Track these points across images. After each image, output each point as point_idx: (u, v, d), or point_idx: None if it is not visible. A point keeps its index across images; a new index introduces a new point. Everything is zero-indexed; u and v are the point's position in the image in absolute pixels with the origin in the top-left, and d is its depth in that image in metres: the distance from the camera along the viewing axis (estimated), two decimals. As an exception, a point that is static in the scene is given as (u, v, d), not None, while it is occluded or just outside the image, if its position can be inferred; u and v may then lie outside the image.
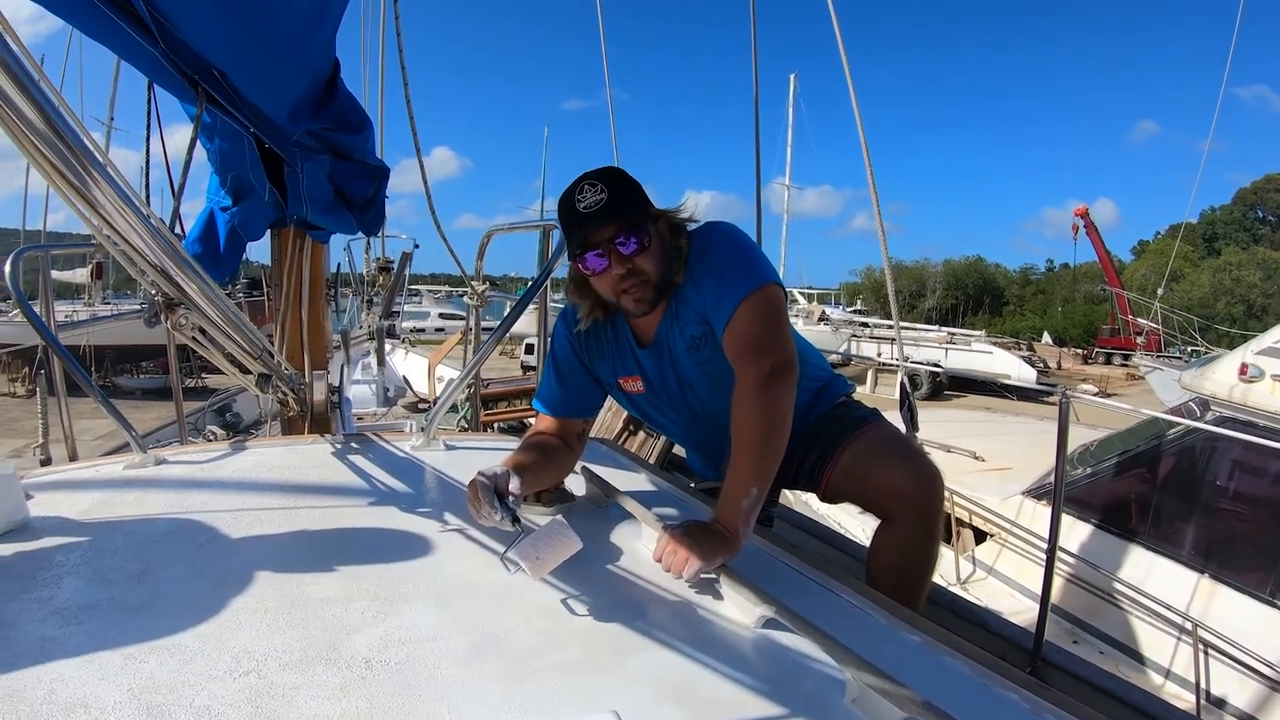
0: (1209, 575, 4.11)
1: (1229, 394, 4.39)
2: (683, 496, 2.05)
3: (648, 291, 1.73)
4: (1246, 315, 36.65)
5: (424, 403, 6.08)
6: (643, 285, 1.72)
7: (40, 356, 3.11)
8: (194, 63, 1.82)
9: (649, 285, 1.73)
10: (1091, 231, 35.40)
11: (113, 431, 2.16)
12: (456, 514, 1.72)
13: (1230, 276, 41.19)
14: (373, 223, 2.84)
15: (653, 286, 1.73)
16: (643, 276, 1.71)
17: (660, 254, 1.74)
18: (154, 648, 1.13)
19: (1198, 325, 22.17)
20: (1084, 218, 35.43)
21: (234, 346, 2.14)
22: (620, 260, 1.70)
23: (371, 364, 6.61)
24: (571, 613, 1.31)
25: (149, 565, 1.42)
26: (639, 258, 1.70)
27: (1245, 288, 40.29)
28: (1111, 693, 2.18)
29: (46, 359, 3.00)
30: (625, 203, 1.68)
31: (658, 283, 1.74)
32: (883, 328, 25.77)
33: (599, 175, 1.71)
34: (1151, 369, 14.40)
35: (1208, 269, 43.25)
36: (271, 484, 1.96)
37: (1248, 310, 38.31)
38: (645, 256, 1.70)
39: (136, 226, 1.54)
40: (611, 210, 1.66)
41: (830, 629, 1.19)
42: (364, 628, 1.22)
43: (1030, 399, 19.44)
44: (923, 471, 1.87)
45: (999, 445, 6.35)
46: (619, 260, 1.70)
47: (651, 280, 1.73)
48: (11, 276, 2.49)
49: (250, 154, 2.31)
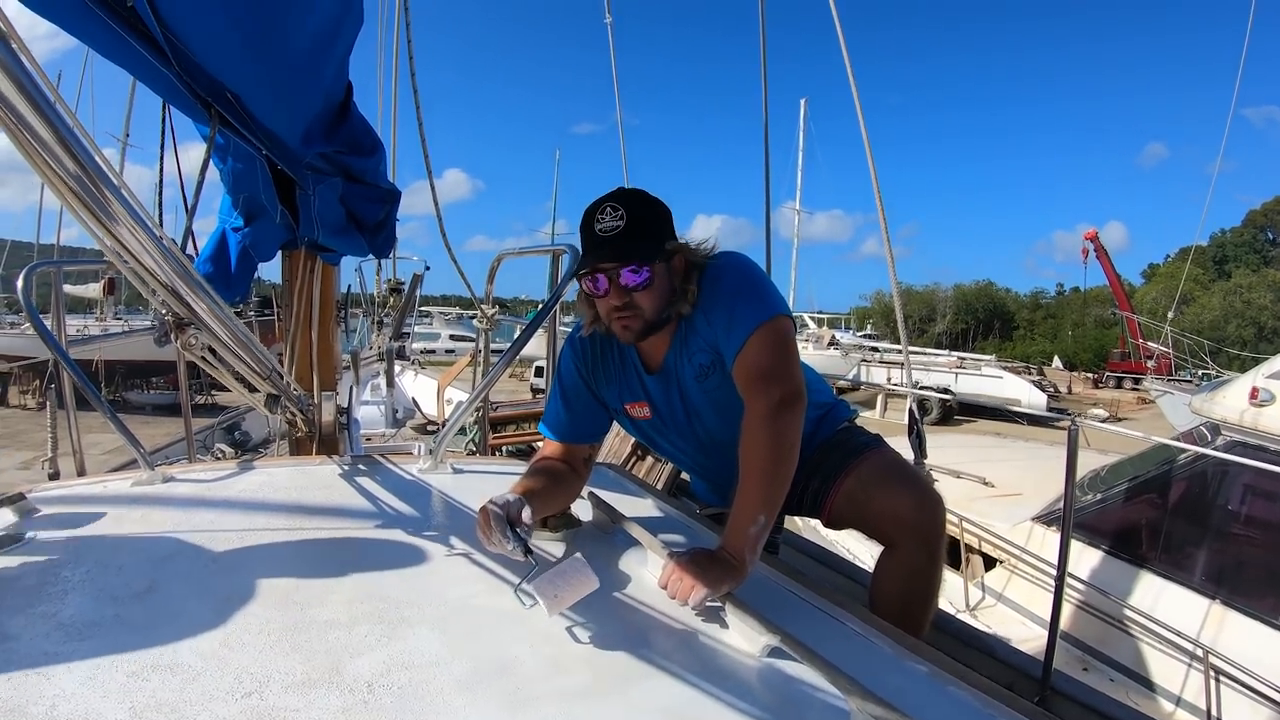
0: (1220, 601, 4.07)
1: (1240, 418, 4.36)
2: (689, 523, 2.04)
3: (638, 324, 1.74)
4: (1258, 338, 36.50)
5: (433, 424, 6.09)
6: (635, 318, 1.73)
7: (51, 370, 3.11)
8: (207, 84, 1.83)
9: (641, 319, 1.74)
10: (1101, 255, 35.36)
11: (121, 447, 2.17)
12: (462, 538, 1.72)
13: (1241, 299, 41.04)
14: (383, 245, 2.85)
15: (645, 322, 1.74)
16: (636, 311, 1.72)
17: (662, 292, 1.74)
18: (157, 666, 1.13)
19: (1208, 349, 22.09)
20: (1094, 241, 35.41)
21: (243, 366, 2.14)
22: (619, 292, 1.71)
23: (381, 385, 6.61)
24: (576, 639, 1.30)
25: (154, 583, 1.42)
26: (638, 293, 1.71)
27: (1256, 310, 40.13)
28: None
29: (57, 373, 3.01)
30: (638, 236, 1.68)
31: (651, 320, 1.74)
32: (892, 352, 25.75)
33: (623, 199, 1.71)
34: (1162, 393, 14.36)
35: (1218, 292, 43.12)
36: (278, 504, 1.96)
37: (1259, 333, 38.16)
38: (645, 293, 1.71)
39: (148, 246, 1.55)
40: (623, 241, 1.66)
41: (835, 658, 1.18)
42: (367, 651, 1.21)
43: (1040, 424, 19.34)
44: (925, 497, 1.87)
45: (1009, 471, 6.33)
46: (618, 291, 1.71)
47: (644, 316, 1.73)
48: (24, 291, 2.51)
49: (262, 175, 2.32)
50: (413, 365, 9.78)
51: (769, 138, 4.53)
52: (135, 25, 1.59)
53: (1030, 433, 15.49)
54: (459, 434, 4.71)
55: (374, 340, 8.68)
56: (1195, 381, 16.95)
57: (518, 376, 25.71)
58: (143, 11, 1.56)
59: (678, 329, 1.82)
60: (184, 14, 1.62)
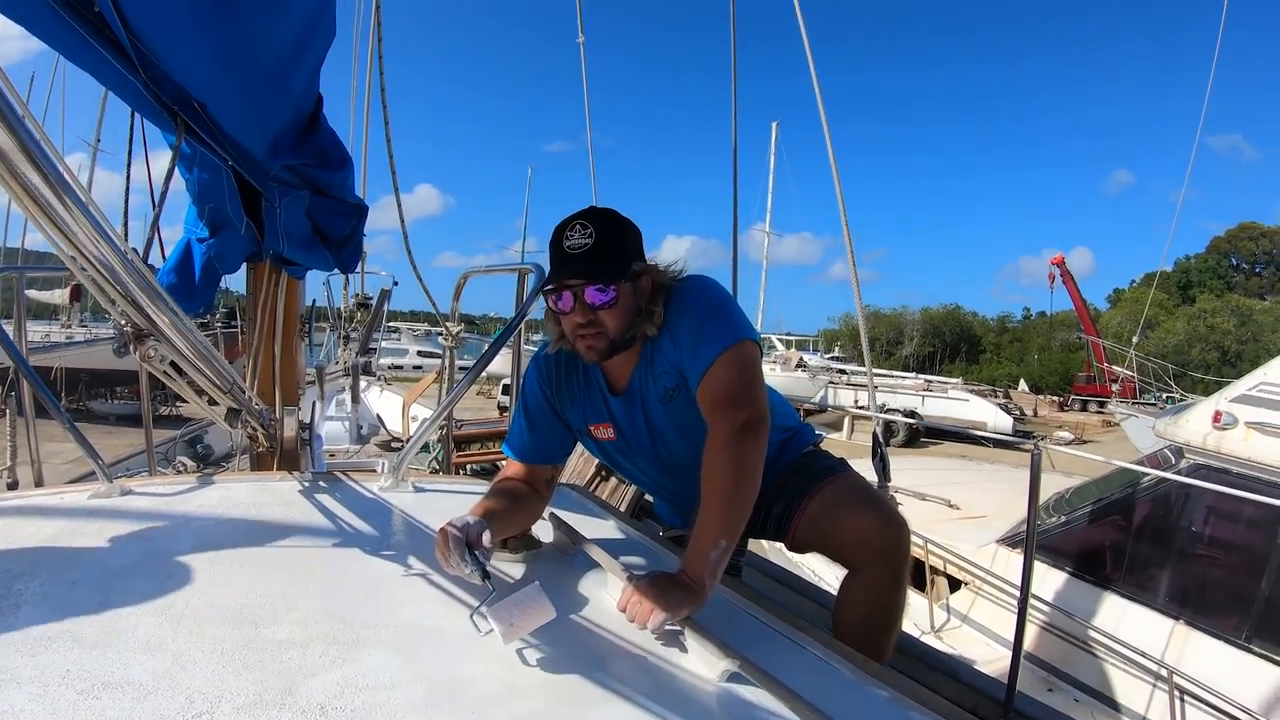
0: (1184, 621, 4.12)
1: (1203, 441, 4.42)
2: (651, 545, 2.03)
3: (602, 343, 1.74)
4: (1221, 362, 37.02)
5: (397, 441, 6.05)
6: (599, 338, 1.73)
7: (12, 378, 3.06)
8: (174, 92, 1.82)
9: (605, 339, 1.73)
10: (1068, 280, 35.79)
11: (81, 456, 2.13)
12: (421, 559, 1.70)
13: (1205, 324, 41.65)
14: (349, 260, 2.83)
15: (609, 341, 1.74)
16: (601, 330, 1.72)
17: (627, 312, 1.74)
18: (108, 684, 1.11)
19: (1172, 372, 22.36)
20: (1060, 266, 35.83)
21: (203, 380, 2.11)
22: (584, 310, 1.70)
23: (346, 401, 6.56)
24: (532, 663, 1.29)
25: (108, 598, 1.39)
26: (603, 312, 1.71)
27: (1220, 335, 40.72)
28: (1085, 742, 2.17)
29: (17, 381, 2.96)
30: (606, 255, 1.68)
31: (615, 340, 1.74)
32: (859, 375, 25.86)
33: (593, 218, 1.71)
34: (1127, 416, 14.53)
35: (1182, 316, 43.74)
36: (236, 520, 1.93)
37: (1222, 357, 38.69)
38: (610, 313, 1.71)
39: (109, 255, 1.53)
40: (590, 259, 1.66)
41: (795, 683, 1.17)
42: (321, 672, 1.19)
43: (1006, 447, 19.54)
44: (889, 521, 1.87)
45: (974, 494, 6.40)
46: (583, 309, 1.70)
47: (609, 335, 1.73)
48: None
49: (228, 186, 2.30)
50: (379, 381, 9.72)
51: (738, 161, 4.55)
52: (101, 30, 1.57)
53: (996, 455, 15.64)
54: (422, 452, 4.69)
55: (340, 355, 8.61)
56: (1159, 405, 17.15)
57: (485, 394, 25.60)
58: (109, 16, 1.54)
59: (644, 350, 1.82)
60: (150, 20, 1.60)
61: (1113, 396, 24.01)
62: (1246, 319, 41.14)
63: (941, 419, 22.77)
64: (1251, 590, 3.98)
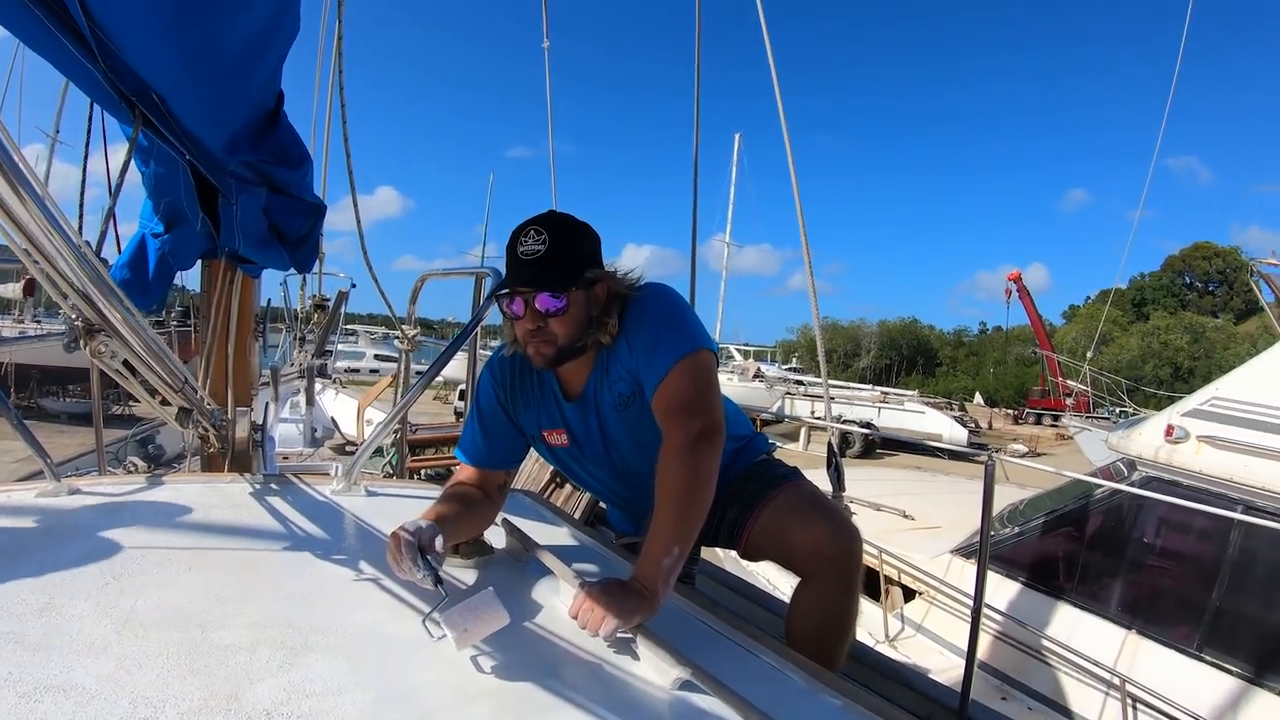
0: (1136, 631, 4.19)
1: (1155, 454, 4.50)
2: (604, 552, 2.02)
3: (550, 350, 1.74)
4: (1174, 378, 37.67)
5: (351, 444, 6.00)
6: (547, 344, 1.73)
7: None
8: (133, 84, 1.78)
9: (553, 346, 1.74)
10: (1024, 295, 36.36)
11: (32, 455, 2.09)
12: (371, 563, 1.68)
13: (1158, 340, 42.43)
14: (305, 260, 2.80)
15: (557, 348, 1.74)
16: (548, 336, 1.72)
17: (577, 321, 1.74)
18: (50, 688, 1.08)
19: (1126, 387, 22.77)
20: (1017, 282, 36.40)
21: (154, 378, 2.07)
22: (534, 316, 1.71)
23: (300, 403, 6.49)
24: (483, 669, 1.28)
25: (52, 599, 1.36)
26: (552, 319, 1.71)
27: (1173, 351, 41.50)
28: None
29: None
30: (559, 262, 1.67)
31: (563, 346, 1.74)
32: (816, 385, 26.03)
33: (548, 223, 1.71)
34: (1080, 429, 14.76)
35: (1136, 333, 44.56)
36: (185, 522, 1.90)
37: (1175, 373, 39.39)
38: (559, 320, 1.71)
39: (60, 248, 1.49)
40: (541, 267, 1.66)
41: (748, 691, 1.17)
42: (268, 677, 1.17)
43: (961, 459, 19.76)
44: (841, 530, 1.88)
45: (929, 504, 6.48)
46: (532, 315, 1.71)
47: (557, 343, 1.73)
48: None
49: (185, 181, 2.26)
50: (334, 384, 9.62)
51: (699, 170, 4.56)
52: (61, 16, 1.54)
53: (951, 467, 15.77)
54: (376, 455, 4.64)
55: (295, 357, 8.51)
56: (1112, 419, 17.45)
57: (442, 399, 25.44)
58: (69, 2, 1.51)
59: (599, 357, 1.83)
60: (111, 9, 1.57)
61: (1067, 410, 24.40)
62: (1199, 336, 41.99)
63: (897, 431, 22.99)
64: (1203, 600, 4.05)
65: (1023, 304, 36.46)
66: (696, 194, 4.51)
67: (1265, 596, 3.96)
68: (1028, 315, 36.93)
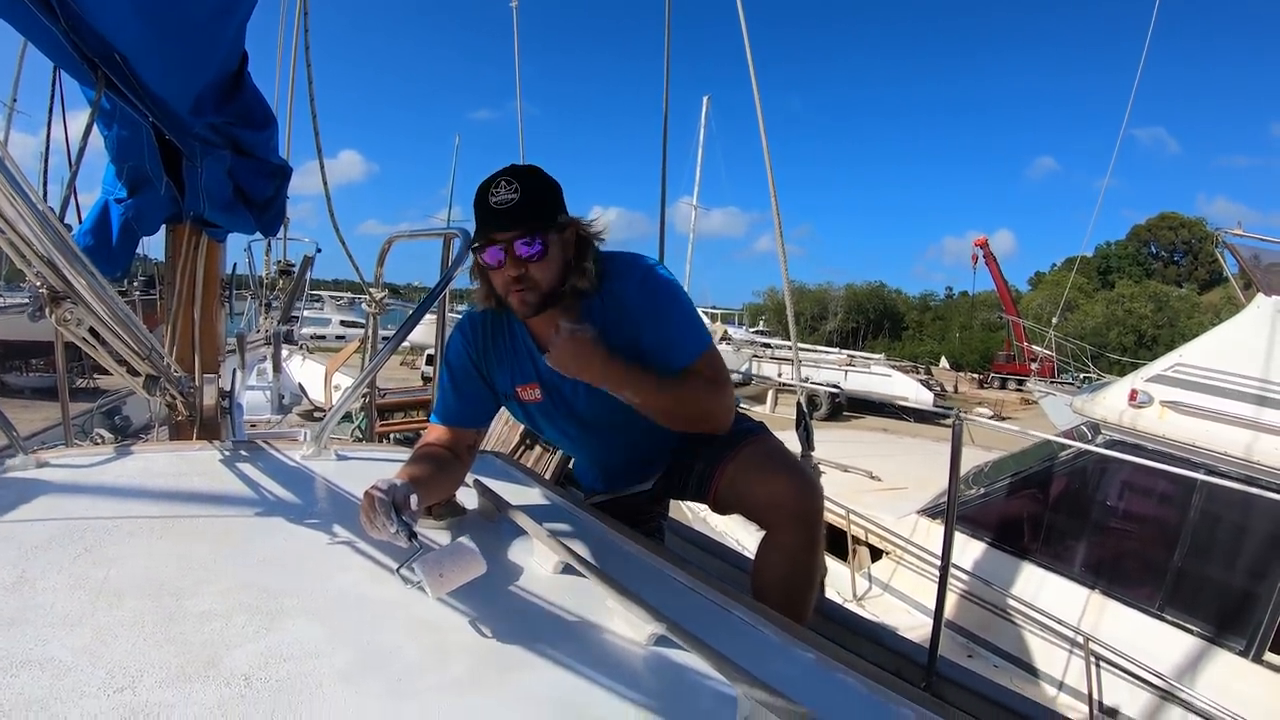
0: (1099, 591, 4.28)
1: (1119, 419, 4.58)
2: (575, 511, 2.03)
3: (534, 296, 1.76)
4: (1137, 345, 38.06)
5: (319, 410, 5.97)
6: (531, 290, 1.76)
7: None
8: (96, 45, 1.75)
9: (537, 291, 1.76)
10: (990, 261, 36.56)
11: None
12: (345, 526, 1.68)
13: (1123, 308, 42.84)
14: (271, 223, 2.77)
15: (540, 293, 1.76)
16: (531, 283, 1.75)
17: (557, 264, 1.77)
18: (26, 661, 1.07)
19: (1090, 353, 23.09)
20: (984, 248, 36.58)
21: (121, 345, 2.05)
22: (515, 263, 1.72)
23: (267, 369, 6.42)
24: (459, 629, 1.29)
25: (24, 573, 1.35)
26: (533, 265, 1.73)
27: (1137, 319, 41.92)
28: (1005, 705, 2.23)
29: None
30: (533, 208, 1.71)
31: (546, 291, 1.77)
32: (784, 348, 26.06)
33: (516, 173, 1.73)
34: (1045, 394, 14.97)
35: (1101, 300, 44.95)
36: (155, 491, 1.88)
37: (1139, 340, 39.81)
38: (540, 265, 1.73)
39: (24, 214, 1.47)
40: (518, 212, 1.69)
41: (722, 646, 1.18)
42: (244, 643, 1.17)
43: (927, 421, 19.91)
44: (803, 483, 1.90)
45: (895, 466, 6.55)
46: (514, 263, 1.72)
47: (540, 288, 1.76)
48: None
49: (149, 144, 2.23)
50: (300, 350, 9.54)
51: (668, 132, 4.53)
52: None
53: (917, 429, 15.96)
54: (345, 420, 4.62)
55: (261, 323, 8.42)
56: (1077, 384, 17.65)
57: (410, 365, 25.28)
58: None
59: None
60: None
61: (1031, 375, 24.72)
62: (1163, 305, 42.41)
63: (864, 394, 23.11)
64: (1165, 561, 4.15)
65: (989, 270, 36.68)
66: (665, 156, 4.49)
67: (1226, 558, 4.06)
68: (994, 281, 37.15)
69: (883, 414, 21.88)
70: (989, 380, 35.27)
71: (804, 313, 55.42)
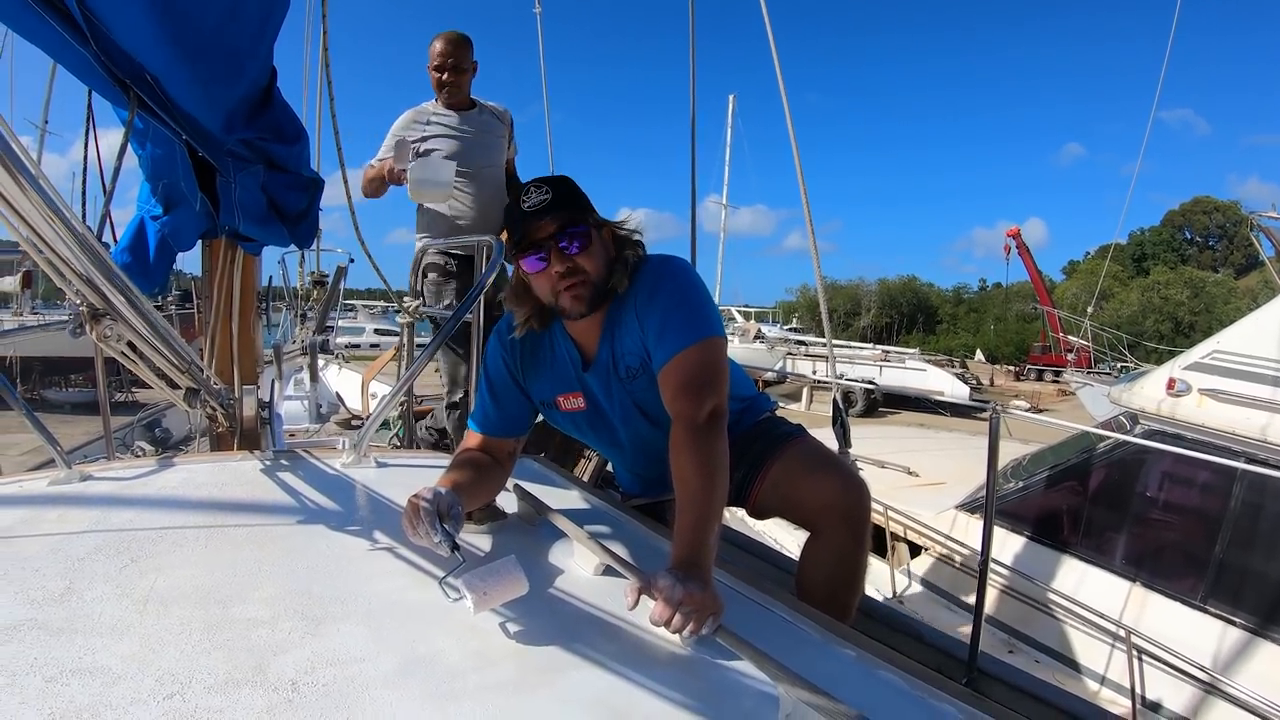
0: (1140, 583, 4.22)
1: (1157, 408, 4.50)
2: (615, 514, 2.03)
3: (587, 290, 1.74)
4: (1174, 332, 37.62)
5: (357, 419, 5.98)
6: (582, 284, 1.74)
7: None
8: (127, 66, 1.77)
9: (589, 285, 1.74)
10: (1023, 251, 36.27)
11: (39, 446, 2.09)
12: (386, 533, 1.69)
13: (1159, 295, 42.31)
14: (305, 235, 2.79)
15: (592, 286, 1.75)
16: (582, 275, 1.73)
17: (602, 255, 1.76)
18: (76, 670, 1.09)
19: (1127, 342, 22.76)
20: (1016, 238, 36.30)
21: (161, 359, 2.08)
22: (560, 258, 1.71)
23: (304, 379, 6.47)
24: (503, 632, 1.30)
25: (72, 584, 1.37)
26: (580, 256, 1.72)
27: (1173, 306, 41.40)
28: (1047, 700, 2.21)
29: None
30: (568, 203, 1.71)
31: (597, 283, 1.75)
32: (818, 345, 25.89)
33: (545, 180, 1.74)
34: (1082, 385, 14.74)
35: (1136, 288, 44.41)
36: (199, 501, 1.91)
37: (1175, 327, 39.32)
38: (586, 256, 1.73)
39: (63, 234, 1.49)
40: (554, 208, 1.69)
41: (763, 645, 1.19)
42: (291, 649, 1.19)
43: (963, 415, 19.76)
44: (849, 483, 1.89)
45: (933, 461, 6.49)
46: (559, 258, 1.71)
47: (591, 279, 1.74)
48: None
49: (182, 162, 2.25)
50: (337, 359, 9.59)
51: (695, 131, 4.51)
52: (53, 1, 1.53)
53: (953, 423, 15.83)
54: (383, 428, 4.64)
55: (297, 334, 8.47)
56: (1114, 374, 17.42)
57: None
58: (58, -17, 1.51)
59: (606, 321, 1.83)
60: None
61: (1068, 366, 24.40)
62: (1199, 291, 41.86)
63: (900, 389, 22.94)
64: (1206, 552, 4.08)
65: (1022, 260, 36.39)
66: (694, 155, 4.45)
67: (1269, 548, 3.98)
68: (1027, 271, 36.88)
69: (919, 409, 21.72)
70: (1025, 372, 34.93)
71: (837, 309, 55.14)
